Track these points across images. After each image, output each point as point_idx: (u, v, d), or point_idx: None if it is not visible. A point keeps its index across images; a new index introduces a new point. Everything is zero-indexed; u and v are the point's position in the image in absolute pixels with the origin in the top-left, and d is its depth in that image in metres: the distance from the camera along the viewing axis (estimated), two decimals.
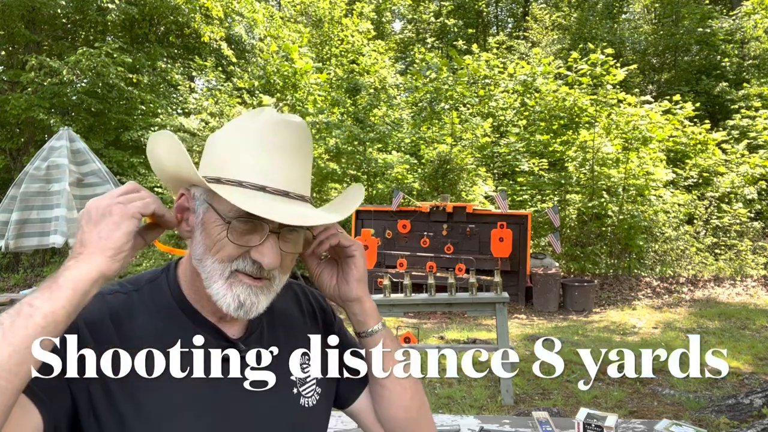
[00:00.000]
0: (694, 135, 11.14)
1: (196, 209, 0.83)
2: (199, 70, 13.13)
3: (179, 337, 0.80)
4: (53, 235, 4.16)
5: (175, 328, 0.83)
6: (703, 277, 9.33)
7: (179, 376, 0.78)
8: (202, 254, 0.81)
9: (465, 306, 4.07)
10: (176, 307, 0.86)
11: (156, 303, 0.85)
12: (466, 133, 11.40)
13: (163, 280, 0.88)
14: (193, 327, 0.84)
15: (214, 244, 0.80)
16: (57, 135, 4.55)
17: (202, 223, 0.82)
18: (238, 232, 0.79)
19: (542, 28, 19.32)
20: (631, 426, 1.64)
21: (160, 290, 0.87)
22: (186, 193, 0.84)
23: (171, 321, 0.84)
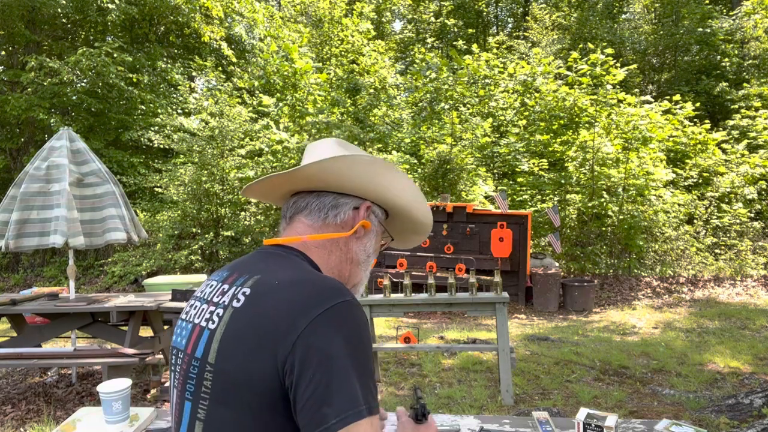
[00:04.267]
0: (694, 135, 11.14)
1: (372, 222, 1.08)
2: (199, 70, 13.13)
3: None
4: (53, 235, 4.15)
5: None
6: (703, 277, 9.33)
7: None
8: (370, 254, 1.09)
9: (465, 306, 4.07)
10: None
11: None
12: (466, 133, 11.40)
13: (313, 268, 0.99)
14: None
15: (376, 249, 1.11)
16: (57, 135, 4.55)
17: (376, 233, 1.10)
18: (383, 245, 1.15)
19: (542, 28, 19.32)
20: (631, 426, 1.64)
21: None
22: (371, 205, 1.08)
23: None
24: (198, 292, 1.00)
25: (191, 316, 0.95)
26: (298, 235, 1.00)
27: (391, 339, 5.85)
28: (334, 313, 0.79)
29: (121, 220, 4.47)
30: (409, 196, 1.07)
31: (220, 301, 0.89)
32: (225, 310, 0.86)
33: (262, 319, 0.80)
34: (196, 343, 0.88)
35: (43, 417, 3.82)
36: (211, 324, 0.87)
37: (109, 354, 3.88)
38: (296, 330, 0.77)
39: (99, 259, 10.52)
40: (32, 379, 4.72)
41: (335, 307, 0.80)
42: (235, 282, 0.91)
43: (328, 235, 1.00)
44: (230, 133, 9.64)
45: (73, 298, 4.51)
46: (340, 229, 1.02)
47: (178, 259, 9.02)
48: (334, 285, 0.85)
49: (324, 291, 0.83)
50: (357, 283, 1.08)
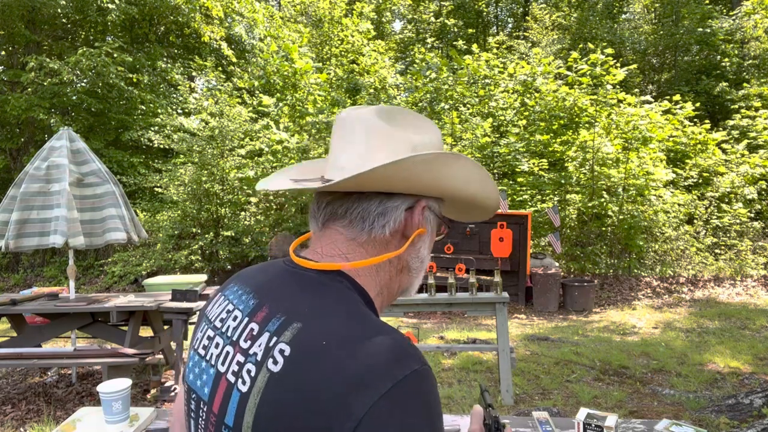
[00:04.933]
0: (694, 135, 11.14)
1: (429, 222, 0.86)
2: (199, 70, 13.13)
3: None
4: (53, 235, 4.16)
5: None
6: (703, 277, 9.33)
7: None
8: (424, 258, 0.89)
9: (465, 306, 4.07)
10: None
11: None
12: (466, 133, 11.40)
13: (363, 306, 0.77)
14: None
15: (431, 247, 0.91)
16: (57, 135, 4.55)
17: (432, 229, 0.88)
18: (440, 233, 0.93)
19: (542, 28, 19.32)
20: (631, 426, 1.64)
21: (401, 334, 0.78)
22: (426, 204, 0.85)
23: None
24: (213, 313, 0.82)
25: (212, 356, 0.77)
26: (340, 254, 0.81)
27: None
28: (400, 391, 0.63)
29: (121, 220, 4.47)
30: (476, 186, 0.87)
31: (250, 351, 0.71)
32: (258, 370, 0.68)
33: (310, 393, 0.63)
34: (225, 404, 0.71)
35: (43, 417, 3.82)
36: (242, 384, 0.69)
37: (109, 354, 3.88)
38: (355, 416, 0.61)
39: (99, 259, 10.52)
40: (32, 379, 4.72)
41: (402, 383, 0.63)
42: (267, 324, 0.72)
43: (374, 260, 0.80)
44: (230, 133, 9.64)
45: (73, 298, 4.51)
46: (388, 242, 0.82)
47: (178, 259, 9.02)
48: (396, 347, 0.67)
49: (385, 359, 0.65)
50: (407, 288, 0.90)
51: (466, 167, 0.82)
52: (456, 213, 0.98)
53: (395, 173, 0.76)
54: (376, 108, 0.83)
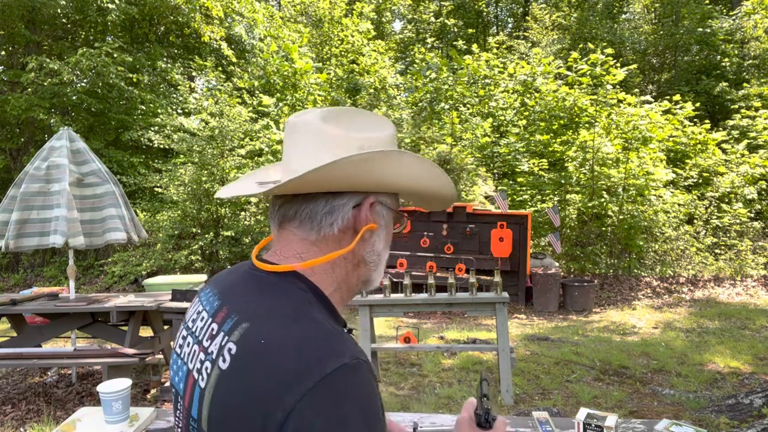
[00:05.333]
0: (694, 135, 11.15)
1: (379, 217, 0.89)
2: (199, 70, 13.13)
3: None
4: (53, 235, 4.16)
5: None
6: (703, 277, 9.33)
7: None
8: (380, 252, 0.91)
9: (465, 306, 4.07)
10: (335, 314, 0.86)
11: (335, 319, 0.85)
12: (466, 133, 11.40)
13: (316, 304, 0.82)
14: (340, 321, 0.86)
15: (389, 240, 0.93)
16: (57, 135, 4.55)
17: (386, 223, 0.91)
18: (398, 226, 0.96)
19: (542, 28, 19.32)
20: (631, 426, 1.64)
21: (326, 310, 0.83)
22: (375, 200, 0.87)
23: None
24: (189, 315, 0.88)
25: (185, 354, 0.84)
26: (295, 254, 0.84)
27: (391, 339, 5.85)
28: (326, 386, 0.67)
29: (121, 220, 4.48)
30: (426, 181, 0.89)
31: (209, 349, 0.77)
32: (212, 368, 0.74)
33: (249, 389, 0.69)
34: (191, 398, 0.79)
35: (43, 417, 3.82)
36: (201, 381, 0.76)
37: (109, 354, 3.88)
38: (284, 409, 0.66)
39: (99, 259, 10.52)
40: (32, 379, 4.72)
41: (329, 377, 0.67)
42: (223, 324, 0.77)
43: (328, 257, 0.83)
44: (230, 133, 9.64)
45: (73, 298, 4.51)
46: (339, 240, 0.84)
47: (178, 259, 9.02)
48: (327, 344, 0.71)
49: (315, 355, 0.69)
50: (367, 280, 0.93)
51: (410, 163, 0.84)
52: (415, 202, 1.02)
53: (336, 173, 0.78)
54: (322, 111, 0.85)
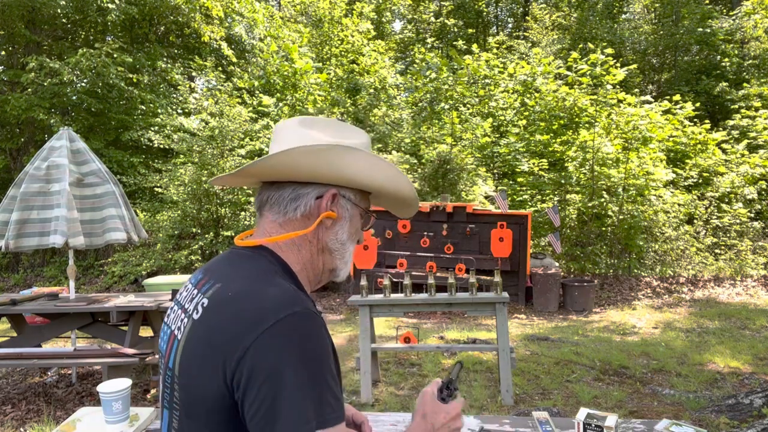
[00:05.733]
0: (694, 135, 11.14)
1: (341, 209, 1.00)
2: (199, 70, 13.13)
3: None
4: (53, 235, 4.15)
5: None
6: (703, 277, 9.33)
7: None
8: (344, 241, 1.02)
9: (465, 306, 4.07)
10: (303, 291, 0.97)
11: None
12: (466, 133, 11.40)
13: (285, 279, 0.92)
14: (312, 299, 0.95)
15: (354, 232, 1.04)
16: (57, 135, 4.55)
17: (350, 216, 1.02)
18: (365, 224, 1.06)
19: (542, 28, 19.32)
20: (631, 426, 1.64)
21: (293, 286, 0.92)
22: (336, 192, 0.99)
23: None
24: (179, 294, 1.00)
25: (170, 320, 0.96)
26: (265, 233, 0.97)
27: (391, 339, 5.85)
28: (279, 327, 0.77)
29: (121, 220, 4.47)
30: (381, 178, 0.99)
31: (188, 309, 0.89)
32: (188, 321, 0.87)
33: (213, 333, 0.80)
34: (170, 351, 0.90)
35: (43, 417, 3.82)
36: (179, 334, 0.88)
37: (109, 354, 3.88)
38: (242, 347, 0.76)
39: (99, 259, 10.52)
40: (32, 379, 4.72)
41: (281, 321, 0.77)
42: (202, 288, 0.90)
43: (288, 235, 0.95)
44: (230, 133, 9.64)
45: (73, 298, 4.51)
46: (303, 224, 0.97)
47: (178, 259, 9.02)
48: (283, 296, 0.82)
49: (272, 304, 0.80)
50: (334, 269, 1.03)
51: (362, 159, 0.95)
52: (384, 205, 1.14)
53: (296, 163, 0.91)
54: (301, 117, 1.00)
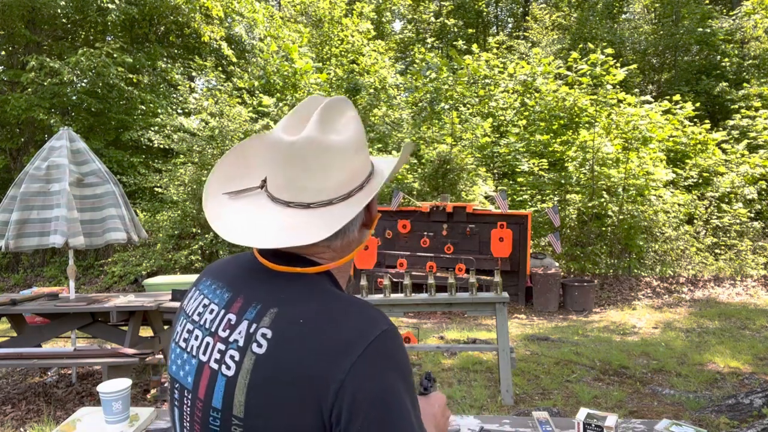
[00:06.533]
0: (694, 135, 11.14)
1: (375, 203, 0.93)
2: (199, 70, 13.13)
3: None
4: (53, 235, 4.16)
5: None
6: (703, 277, 9.33)
7: None
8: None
9: (465, 306, 4.07)
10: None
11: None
12: (466, 133, 11.40)
13: (331, 284, 0.86)
14: None
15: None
16: (57, 135, 4.55)
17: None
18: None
19: (542, 28, 19.33)
20: (631, 426, 1.64)
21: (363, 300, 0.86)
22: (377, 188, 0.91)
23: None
24: (190, 308, 0.87)
25: (192, 347, 0.82)
26: (312, 256, 0.86)
27: None
28: (374, 349, 0.72)
29: (121, 220, 4.47)
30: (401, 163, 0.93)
31: (231, 339, 0.77)
32: (243, 355, 0.75)
33: (296, 367, 0.71)
34: (210, 389, 0.77)
35: (43, 417, 3.82)
36: (226, 369, 0.76)
37: (109, 354, 3.88)
38: (338, 376, 0.70)
39: (99, 259, 10.52)
40: (32, 379, 4.72)
41: (375, 342, 0.72)
42: (244, 313, 0.78)
43: (352, 255, 0.89)
44: (230, 133, 9.64)
45: (73, 298, 4.51)
46: (359, 237, 0.90)
47: (178, 259, 9.03)
48: (367, 314, 0.76)
49: (358, 325, 0.74)
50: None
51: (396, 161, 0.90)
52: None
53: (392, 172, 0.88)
54: (311, 127, 0.81)
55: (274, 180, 0.85)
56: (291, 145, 0.80)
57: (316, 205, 0.82)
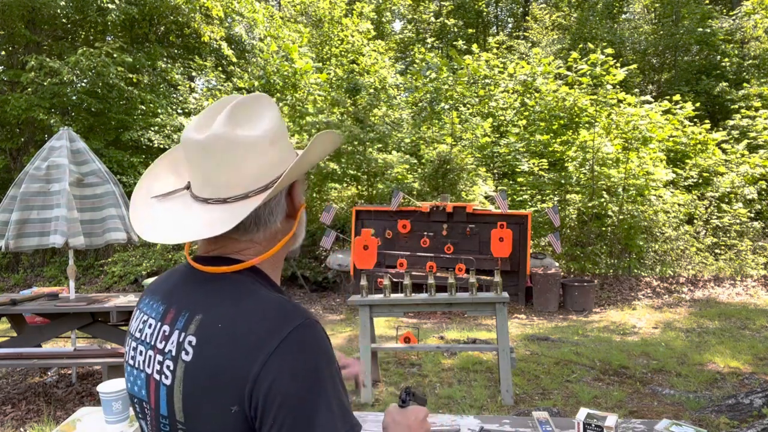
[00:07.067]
0: (694, 135, 11.14)
1: (301, 188, 0.95)
2: (199, 70, 13.13)
3: None
4: (53, 235, 4.15)
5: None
6: (703, 277, 9.33)
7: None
8: (304, 214, 0.97)
9: (465, 306, 4.07)
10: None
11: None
12: (466, 133, 11.40)
13: (258, 283, 0.87)
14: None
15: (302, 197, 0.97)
16: (57, 135, 4.55)
17: (302, 192, 0.96)
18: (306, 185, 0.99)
19: (542, 28, 19.33)
20: (631, 426, 1.64)
21: (281, 296, 0.87)
22: (298, 181, 0.93)
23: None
24: (135, 328, 0.90)
25: (139, 363, 0.87)
26: (238, 251, 0.87)
27: (391, 339, 5.85)
28: (288, 344, 0.74)
29: (121, 220, 4.47)
30: (320, 155, 0.94)
31: (165, 350, 0.81)
32: (175, 364, 0.79)
33: (217, 370, 0.74)
34: (157, 398, 0.82)
35: (43, 417, 3.82)
36: (165, 379, 0.80)
37: (109, 354, 3.88)
38: (252, 373, 0.72)
39: (99, 259, 10.52)
40: (32, 379, 4.72)
41: (286, 339, 0.74)
42: (175, 323, 0.82)
43: (277, 247, 0.89)
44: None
45: (73, 298, 4.51)
46: (285, 228, 0.91)
47: (178, 259, 9.03)
48: (282, 310, 0.78)
49: (272, 322, 0.76)
50: (293, 249, 0.98)
51: (321, 145, 0.90)
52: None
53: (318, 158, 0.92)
54: (222, 119, 0.82)
55: (194, 179, 0.87)
56: (199, 143, 0.82)
57: (233, 199, 0.83)
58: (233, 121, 0.83)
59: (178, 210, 0.87)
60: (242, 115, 0.85)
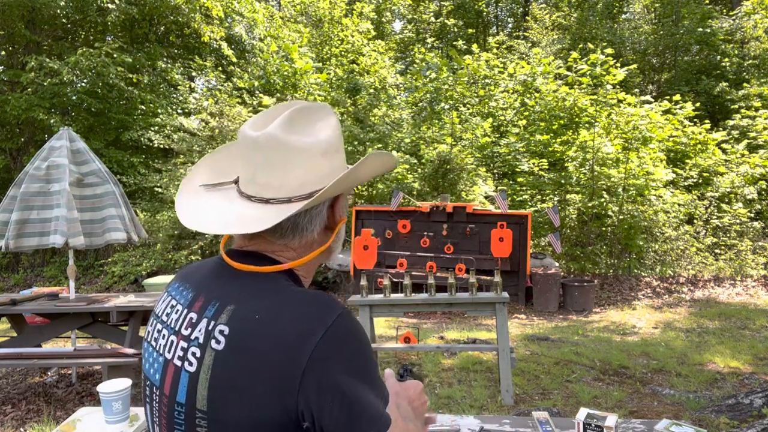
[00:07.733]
0: (694, 135, 11.14)
1: (344, 203, 0.96)
2: (199, 70, 13.13)
3: None
4: (53, 235, 4.15)
5: None
6: (703, 277, 9.33)
7: None
8: (343, 230, 0.98)
9: (465, 306, 4.07)
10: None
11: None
12: (466, 133, 11.40)
13: (290, 281, 0.88)
14: None
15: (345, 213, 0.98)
16: (57, 135, 4.54)
17: (345, 207, 0.97)
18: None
19: (542, 28, 19.33)
20: (631, 426, 1.64)
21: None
22: (342, 193, 0.94)
23: None
24: (159, 309, 0.91)
25: (160, 346, 0.86)
26: (274, 253, 0.88)
27: (391, 339, 5.85)
28: (330, 337, 0.74)
29: (121, 220, 4.47)
30: (378, 170, 0.96)
31: (192, 337, 0.80)
32: (203, 352, 0.77)
33: (255, 361, 0.74)
34: (175, 385, 0.80)
35: (43, 417, 3.82)
36: (189, 366, 0.79)
37: (109, 354, 3.88)
38: (299, 367, 0.72)
39: (99, 259, 10.52)
40: (32, 379, 4.72)
41: (330, 330, 0.75)
42: (204, 312, 0.81)
43: (311, 256, 0.89)
44: (230, 133, 9.64)
45: (73, 298, 4.51)
46: (321, 239, 0.91)
47: (178, 259, 9.02)
48: (319, 303, 0.78)
49: (312, 315, 0.76)
50: (328, 259, 0.98)
51: (377, 162, 0.91)
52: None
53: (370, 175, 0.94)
54: (281, 121, 0.84)
55: (243, 175, 0.88)
56: (252, 139, 0.83)
57: (275, 201, 0.84)
58: (290, 124, 0.84)
59: (220, 202, 0.89)
60: (300, 120, 0.86)
